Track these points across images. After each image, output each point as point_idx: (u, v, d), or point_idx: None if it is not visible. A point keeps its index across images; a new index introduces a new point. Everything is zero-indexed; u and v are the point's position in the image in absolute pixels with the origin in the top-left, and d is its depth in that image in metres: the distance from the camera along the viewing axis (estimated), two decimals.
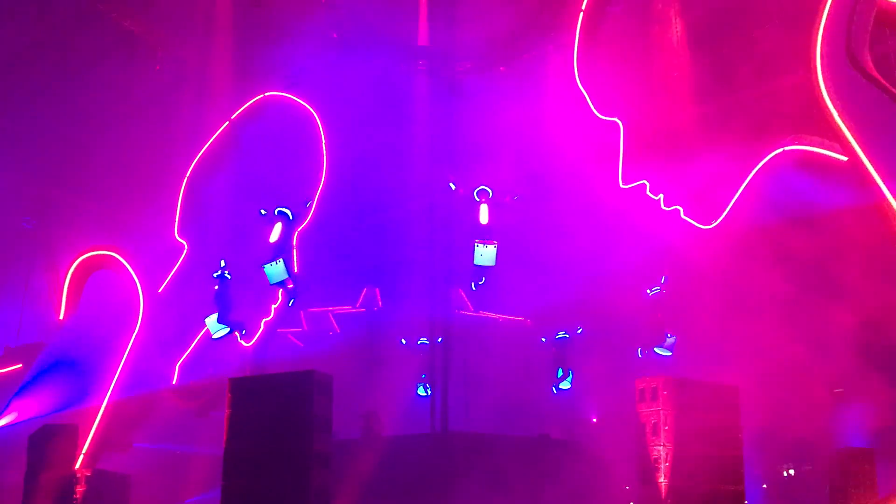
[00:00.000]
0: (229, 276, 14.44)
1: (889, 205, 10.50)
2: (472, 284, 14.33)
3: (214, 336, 14.43)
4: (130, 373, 14.61)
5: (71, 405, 14.38)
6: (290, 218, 13.64)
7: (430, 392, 14.36)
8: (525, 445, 13.18)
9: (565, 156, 14.03)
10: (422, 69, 16.85)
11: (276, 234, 13.81)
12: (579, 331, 14.68)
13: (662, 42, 15.45)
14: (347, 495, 12.19)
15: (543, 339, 14.89)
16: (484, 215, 14.30)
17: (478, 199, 14.24)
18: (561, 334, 14.65)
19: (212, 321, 14.50)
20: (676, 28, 15.62)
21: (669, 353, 13.28)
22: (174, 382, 14.75)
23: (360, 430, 14.10)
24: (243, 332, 13.98)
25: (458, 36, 16.42)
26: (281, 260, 13.67)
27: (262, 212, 13.73)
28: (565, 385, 14.54)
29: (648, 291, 13.54)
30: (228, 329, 14.22)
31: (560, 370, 14.55)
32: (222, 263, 14.33)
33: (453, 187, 14.10)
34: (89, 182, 17.07)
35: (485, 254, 14.02)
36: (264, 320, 14.64)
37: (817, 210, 12.05)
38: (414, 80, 16.60)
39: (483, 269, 14.14)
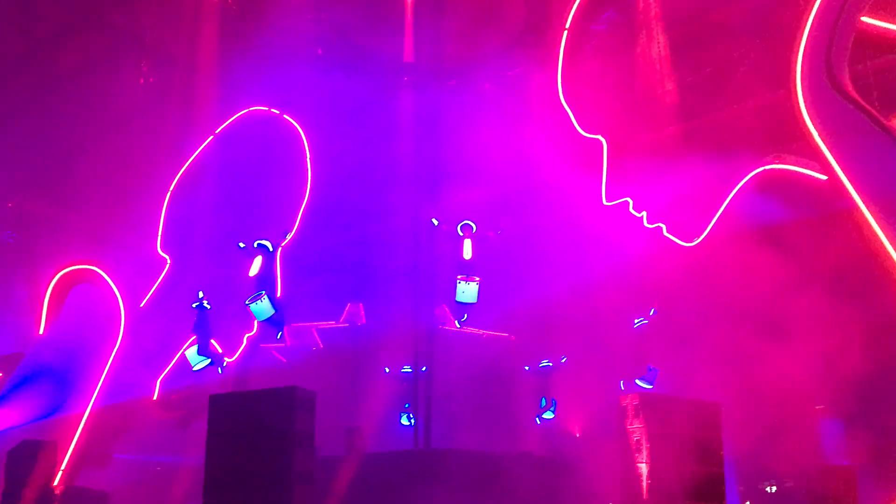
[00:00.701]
0: (208, 306, 14.11)
1: (867, 222, 10.62)
2: (456, 322, 14.06)
3: (195, 368, 14.11)
4: (111, 386, 14.48)
5: (49, 417, 14.23)
6: (270, 250, 13.24)
7: (413, 422, 14.19)
8: (508, 463, 13.14)
9: (549, 178, 14.10)
10: (407, 85, 16.92)
11: (255, 268, 13.35)
12: (563, 360, 14.53)
13: (645, 60, 15.60)
14: None
15: (527, 368, 14.70)
16: (467, 251, 13.94)
17: (461, 234, 13.89)
18: (544, 363, 14.48)
19: (192, 353, 14.21)
20: (659, 47, 15.79)
21: (650, 387, 13.26)
22: (155, 397, 14.64)
23: (343, 446, 14.02)
24: (224, 365, 13.69)
25: (443, 53, 16.50)
26: (265, 296, 13.28)
27: (241, 245, 13.28)
28: (548, 415, 14.35)
29: (635, 323, 13.45)
30: (209, 361, 13.92)
31: (543, 400, 14.36)
32: (200, 294, 13.97)
33: (436, 223, 13.83)
34: (71, 195, 16.98)
35: (466, 291, 13.64)
36: (247, 335, 14.58)
37: (793, 227, 12.17)
38: (399, 96, 16.65)
39: (465, 306, 13.82)
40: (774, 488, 14.37)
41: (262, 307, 13.18)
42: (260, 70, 15.97)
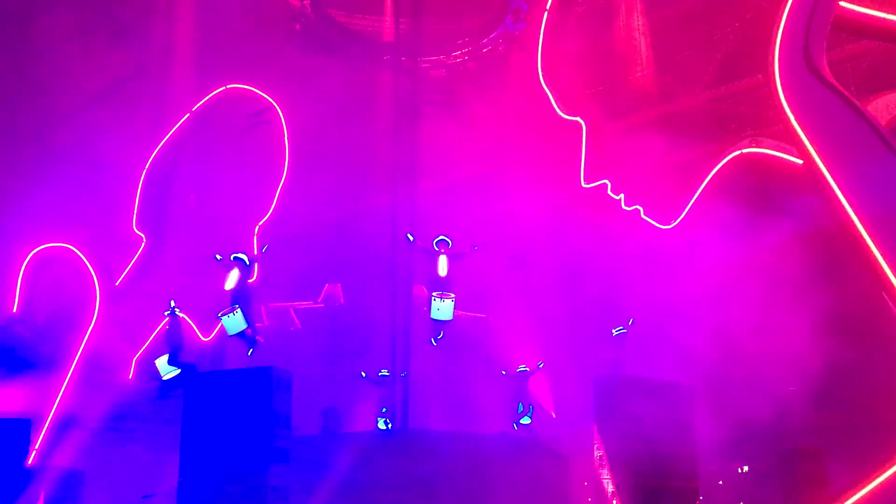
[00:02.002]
0: (181, 314, 13.81)
1: (842, 207, 10.70)
2: (432, 339, 13.88)
3: (164, 377, 13.82)
4: (86, 365, 14.36)
5: (24, 398, 14.11)
6: (247, 264, 12.87)
7: (390, 426, 14.07)
8: (484, 442, 13.23)
9: (527, 163, 14.05)
10: (387, 63, 16.82)
11: (231, 281, 12.87)
12: (540, 365, 14.46)
13: (624, 43, 15.61)
14: (306, 492, 12.14)
15: (504, 373, 14.57)
16: (443, 267, 13.37)
17: (437, 250, 13.33)
18: (521, 368, 14.35)
19: (162, 363, 13.78)
20: (639, 30, 15.80)
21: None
22: (131, 377, 14.54)
23: (320, 426, 14.05)
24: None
25: (423, 31, 16.39)
26: (238, 309, 12.73)
27: (218, 257, 12.84)
28: (526, 420, 14.23)
29: (613, 332, 13.44)
30: (179, 370, 13.50)
31: (521, 405, 14.21)
32: (172, 303, 13.71)
33: (411, 238, 13.55)
34: (45, 172, 16.74)
35: (442, 308, 13.21)
36: (222, 314, 14.48)
37: (772, 209, 12.26)
38: (379, 75, 16.55)
39: (441, 324, 13.57)
40: (746, 468, 14.57)
41: (235, 321, 12.72)
42: (237, 47, 15.79)
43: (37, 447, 13.07)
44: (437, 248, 13.42)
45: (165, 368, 13.67)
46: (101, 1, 16.39)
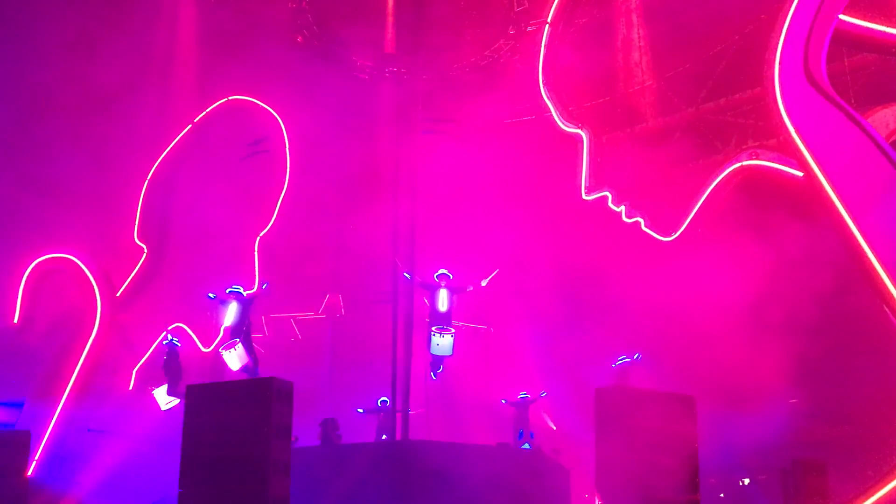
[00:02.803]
0: (178, 344, 13.78)
1: (842, 219, 10.74)
2: (432, 374, 13.74)
3: (164, 408, 13.70)
4: (87, 376, 14.36)
5: (25, 407, 14.10)
6: (244, 295, 12.79)
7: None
8: (484, 454, 13.19)
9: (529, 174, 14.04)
10: (388, 77, 16.87)
11: (230, 317, 12.68)
12: (543, 394, 14.36)
13: (625, 55, 15.66)
14: (307, 502, 12.10)
15: (504, 402, 14.43)
16: (443, 302, 13.06)
17: (436, 282, 13.07)
18: (522, 395, 14.21)
19: (160, 393, 13.79)
20: (639, 42, 15.85)
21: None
22: (131, 388, 14.53)
23: (319, 437, 14.01)
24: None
25: (424, 43, 16.45)
26: (239, 343, 12.43)
27: (211, 295, 12.69)
28: (525, 447, 14.10)
29: (613, 365, 13.38)
30: (178, 401, 13.35)
31: (521, 432, 14.03)
32: (170, 337, 13.69)
33: (408, 277, 13.42)
34: (46, 183, 16.78)
35: (441, 344, 12.95)
36: (224, 325, 14.50)
37: (769, 223, 12.27)
38: (379, 87, 16.60)
39: (441, 358, 13.43)
40: (748, 481, 14.52)
41: (235, 356, 12.60)
42: (239, 58, 15.85)
43: (37, 458, 13.05)
44: (437, 281, 13.14)
45: (164, 399, 13.68)
46: (105, 11, 16.46)
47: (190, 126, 15.79)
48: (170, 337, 13.56)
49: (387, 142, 15.68)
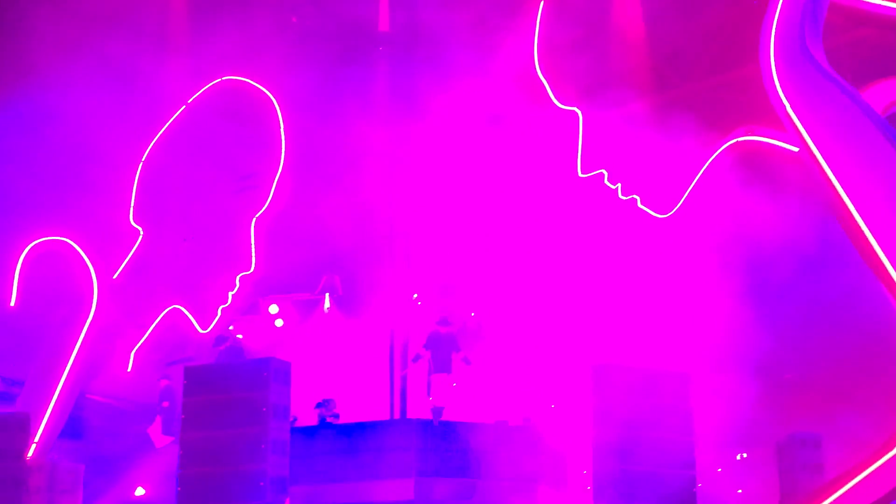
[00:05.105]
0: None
1: (838, 195, 10.71)
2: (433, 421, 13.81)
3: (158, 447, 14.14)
4: (85, 359, 14.38)
5: (22, 392, 14.14)
6: (238, 347, 13.04)
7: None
8: (483, 432, 13.27)
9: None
10: (382, 56, 16.78)
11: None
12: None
13: (621, 30, 15.57)
14: (305, 483, 12.18)
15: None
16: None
17: (438, 328, 13.32)
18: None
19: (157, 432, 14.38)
20: (635, 17, 15.75)
21: None
22: (129, 370, 14.58)
23: (318, 416, 14.09)
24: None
25: (418, 21, 16.35)
26: None
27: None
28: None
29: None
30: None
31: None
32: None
33: (416, 297, 13.56)
34: (40, 165, 16.72)
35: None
36: (221, 307, 14.52)
37: (763, 199, 12.28)
38: (374, 66, 16.50)
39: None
40: (745, 455, 14.62)
41: None
42: (232, 38, 15.73)
43: (36, 441, 13.10)
44: (438, 327, 13.22)
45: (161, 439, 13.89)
46: None
47: (184, 107, 15.70)
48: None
49: (382, 120, 15.65)
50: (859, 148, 10.68)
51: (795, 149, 11.40)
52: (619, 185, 13.96)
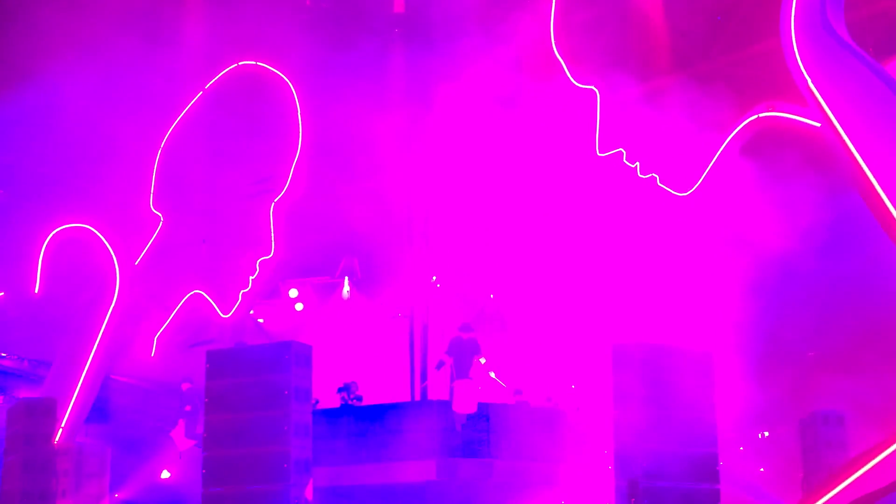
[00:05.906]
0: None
1: (861, 170, 10.58)
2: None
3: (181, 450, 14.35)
4: (109, 344, 14.53)
5: (47, 377, 14.33)
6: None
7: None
8: (504, 412, 13.31)
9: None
10: (397, 37, 16.72)
11: None
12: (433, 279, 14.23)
13: (638, 7, 15.40)
14: (328, 465, 12.28)
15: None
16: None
17: (459, 335, 12.96)
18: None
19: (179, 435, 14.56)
20: None
21: None
22: (152, 355, 14.72)
23: (339, 399, 14.19)
24: None
25: (433, 1, 16.27)
26: None
27: None
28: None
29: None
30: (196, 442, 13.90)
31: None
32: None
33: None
34: (60, 153, 16.85)
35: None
36: (242, 291, 14.61)
37: (786, 175, 12.16)
38: (389, 48, 16.45)
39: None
40: (768, 433, 14.58)
41: None
42: (247, 22, 15.73)
43: (62, 426, 13.28)
44: (461, 333, 12.98)
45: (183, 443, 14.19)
46: None
47: (201, 93, 15.74)
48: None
49: (398, 105, 15.61)
50: (882, 122, 10.52)
51: (817, 124, 11.26)
52: (637, 163, 13.86)
